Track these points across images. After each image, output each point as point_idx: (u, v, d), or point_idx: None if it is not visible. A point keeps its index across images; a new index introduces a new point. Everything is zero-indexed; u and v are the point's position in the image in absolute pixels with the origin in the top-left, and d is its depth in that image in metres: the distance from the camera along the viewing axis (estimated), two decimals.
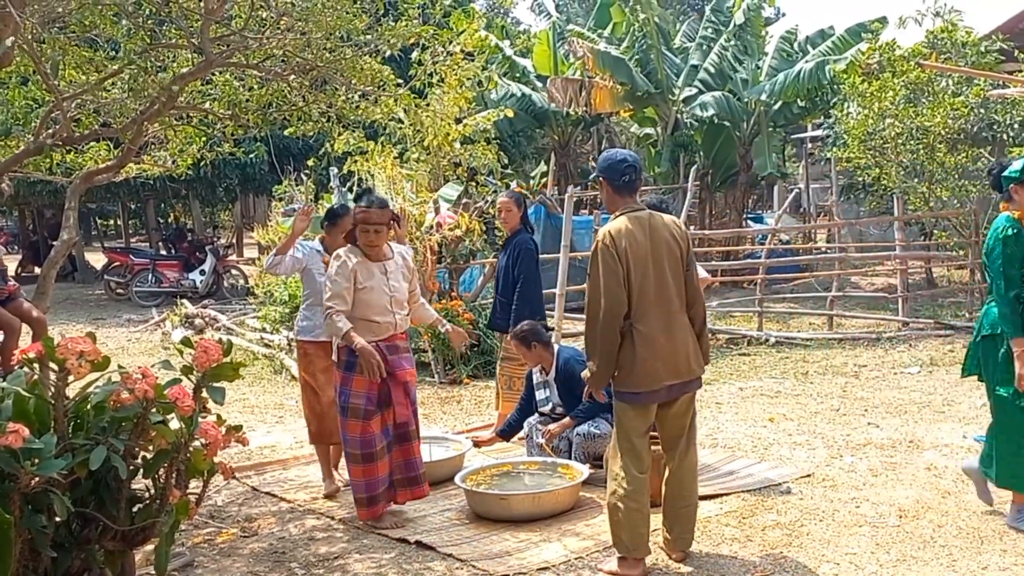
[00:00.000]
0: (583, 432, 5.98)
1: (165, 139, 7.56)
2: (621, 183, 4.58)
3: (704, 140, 18.46)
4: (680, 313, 4.54)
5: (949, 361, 9.62)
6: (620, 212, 4.58)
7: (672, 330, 4.48)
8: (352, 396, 5.14)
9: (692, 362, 4.55)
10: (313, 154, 14.50)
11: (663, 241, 4.49)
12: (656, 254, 4.47)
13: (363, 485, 5.20)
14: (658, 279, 4.46)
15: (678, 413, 4.65)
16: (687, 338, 4.54)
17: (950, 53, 12.79)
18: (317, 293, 5.84)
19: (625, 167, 4.58)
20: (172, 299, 16.61)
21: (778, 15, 35.04)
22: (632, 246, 4.42)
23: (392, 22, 6.23)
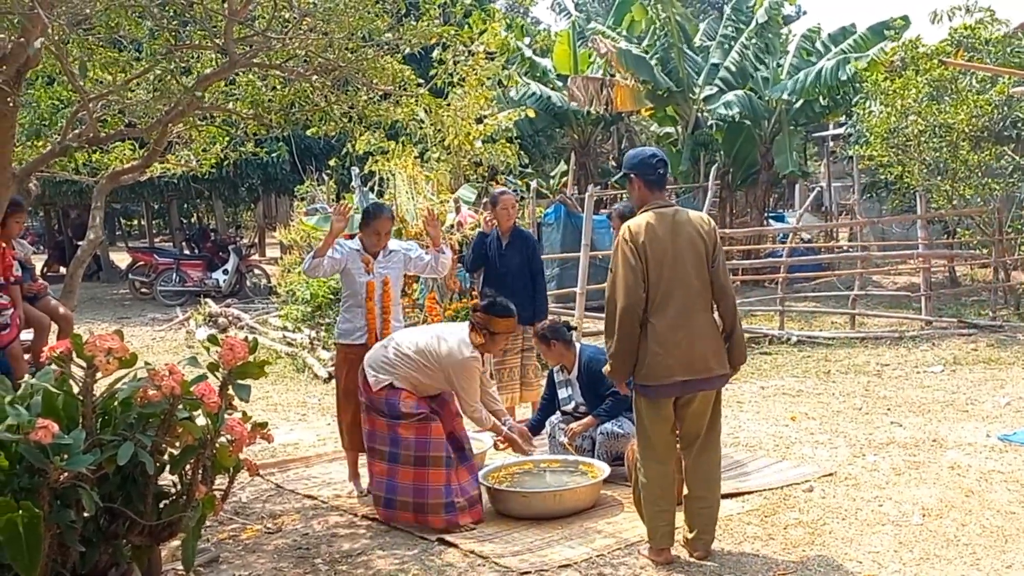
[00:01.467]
0: (606, 431, 5.99)
1: (189, 139, 7.62)
2: (654, 178, 4.63)
3: (725, 139, 18.40)
4: (701, 311, 4.52)
5: (972, 360, 9.55)
6: (647, 208, 4.60)
7: (689, 327, 4.48)
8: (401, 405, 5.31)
9: (711, 360, 4.52)
10: (335, 154, 14.59)
11: (686, 238, 4.50)
12: (677, 251, 4.48)
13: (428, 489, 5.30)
14: (677, 276, 4.48)
15: (696, 412, 4.62)
16: (707, 335, 4.52)
17: (976, 51, 12.69)
18: (357, 294, 5.83)
19: (656, 162, 4.65)
20: (196, 298, 16.73)
21: (799, 13, 34.79)
22: (652, 242, 4.44)
23: (413, 22, 6.25)
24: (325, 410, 8.64)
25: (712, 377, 4.56)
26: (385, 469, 5.30)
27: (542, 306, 7.36)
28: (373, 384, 5.31)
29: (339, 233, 5.90)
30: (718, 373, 4.57)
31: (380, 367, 5.32)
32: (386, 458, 5.29)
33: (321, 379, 10.00)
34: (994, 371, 9.17)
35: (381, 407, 5.30)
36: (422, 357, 5.27)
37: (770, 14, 18.27)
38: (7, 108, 4.61)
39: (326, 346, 11.07)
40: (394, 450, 5.26)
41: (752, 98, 17.37)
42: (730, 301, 4.60)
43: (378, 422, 5.33)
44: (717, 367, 4.56)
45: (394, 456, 5.26)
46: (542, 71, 20.17)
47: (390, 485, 5.28)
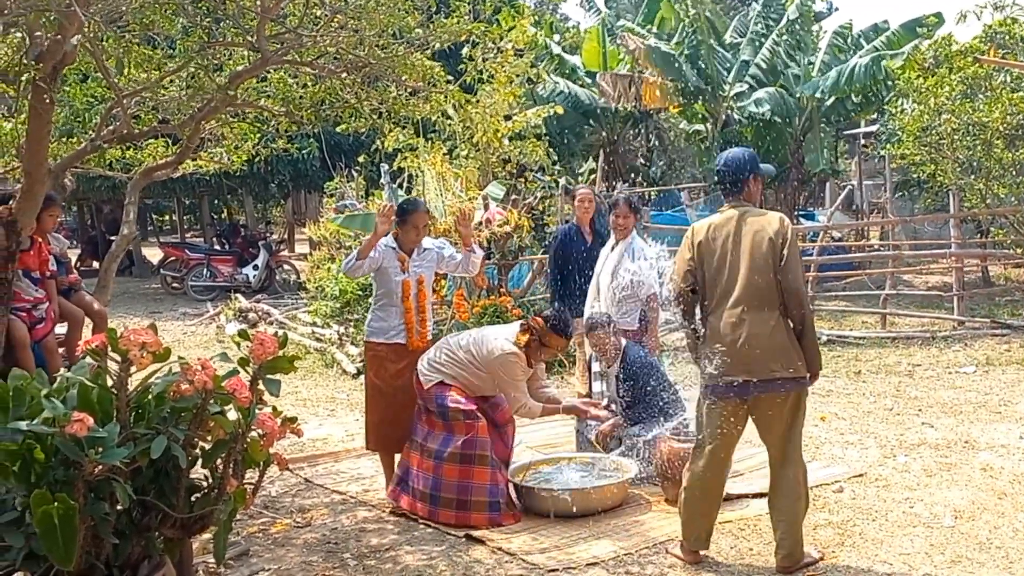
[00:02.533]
0: (633, 435, 5.96)
1: (221, 136, 7.68)
2: (723, 185, 4.69)
3: (755, 137, 18.30)
4: (760, 310, 4.42)
5: (1006, 361, 9.44)
6: (720, 209, 4.66)
7: (745, 326, 4.40)
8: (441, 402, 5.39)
9: (771, 362, 4.39)
10: (364, 151, 14.64)
11: (751, 239, 4.46)
12: (737, 251, 4.46)
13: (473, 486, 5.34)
14: (734, 275, 4.46)
15: (767, 418, 4.51)
16: (766, 335, 4.39)
17: (1010, 47, 12.51)
18: (392, 293, 5.75)
19: (718, 170, 4.74)
20: (226, 293, 16.86)
21: (831, 10, 34.51)
22: (709, 241, 4.52)
23: (443, 19, 6.26)
24: (354, 405, 8.69)
25: (774, 380, 4.40)
26: (432, 466, 5.32)
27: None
28: (424, 383, 5.39)
29: (384, 235, 5.78)
30: (781, 376, 4.40)
31: (432, 367, 5.43)
32: (433, 455, 5.33)
33: (350, 375, 10.05)
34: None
35: (432, 406, 5.36)
36: (468, 355, 5.38)
37: (801, 10, 18.14)
38: (44, 105, 4.67)
39: (355, 342, 11.11)
40: (442, 448, 5.30)
41: (783, 95, 17.26)
42: (795, 301, 4.45)
43: (436, 424, 5.39)
44: (779, 369, 4.40)
45: (440, 454, 5.30)
46: (571, 68, 20.12)
47: (435, 482, 5.29)
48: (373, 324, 5.89)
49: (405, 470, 5.52)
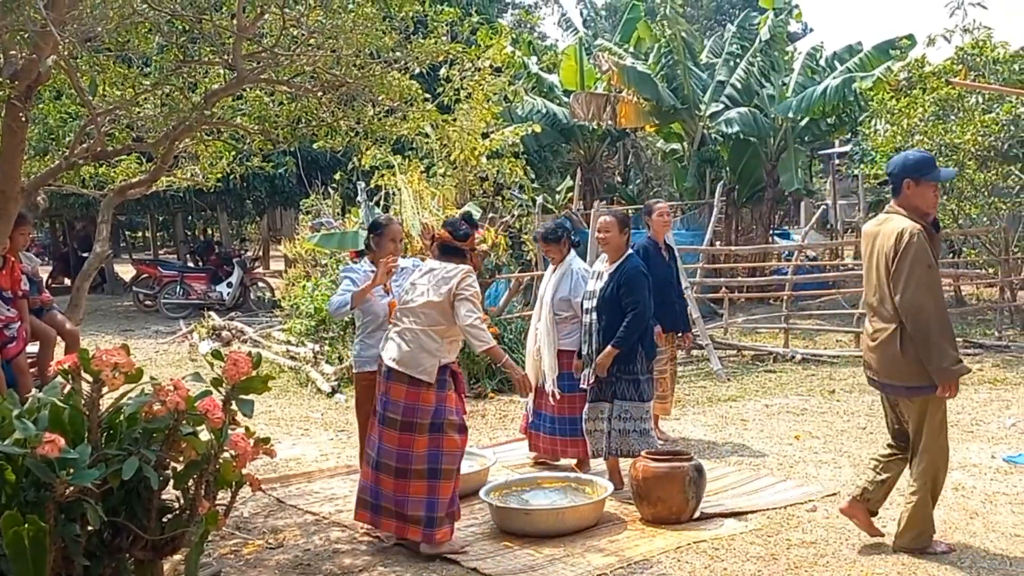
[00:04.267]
0: (618, 428, 5.98)
1: (196, 154, 7.66)
2: (890, 188, 4.97)
3: (731, 156, 18.43)
4: (876, 318, 4.83)
5: (978, 380, 9.53)
6: (886, 210, 4.94)
7: (868, 328, 4.92)
8: (448, 412, 5.08)
9: (875, 365, 4.83)
10: (341, 168, 14.63)
11: (878, 247, 4.78)
12: (870, 257, 4.86)
13: (449, 501, 5.12)
14: (868, 279, 4.90)
15: (894, 413, 4.97)
16: (875, 340, 4.80)
17: (981, 70, 12.70)
18: (379, 317, 5.58)
19: (887, 173, 5.02)
20: (199, 311, 16.75)
21: (805, 31, 34.98)
22: (864, 244, 4.97)
23: (421, 39, 6.29)
24: (328, 425, 8.65)
25: (881, 383, 4.86)
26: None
27: (687, 315, 7.80)
28: (427, 376, 5.03)
29: (380, 283, 5.57)
30: (883, 381, 4.83)
31: (413, 357, 5.04)
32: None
33: (324, 393, 10.00)
34: (1000, 392, 9.15)
35: (425, 418, 5.03)
36: (428, 306, 5.08)
37: (774, 32, 18.33)
38: (18, 123, 4.64)
39: (330, 360, 11.07)
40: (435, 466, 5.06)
41: (758, 115, 17.41)
42: (908, 313, 4.59)
43: (419, 440, 5.03)
44: (883, 376, 4.81)
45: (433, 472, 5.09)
46: (549, 87, 20.22)
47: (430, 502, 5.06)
48: (364, 354, 5.66)
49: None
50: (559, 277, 6.68)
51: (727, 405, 8.87)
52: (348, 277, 5.75)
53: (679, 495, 5.42)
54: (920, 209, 4.78)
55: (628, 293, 5.95)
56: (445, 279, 5.09)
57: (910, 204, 4.77)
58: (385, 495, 5.11)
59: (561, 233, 6.78)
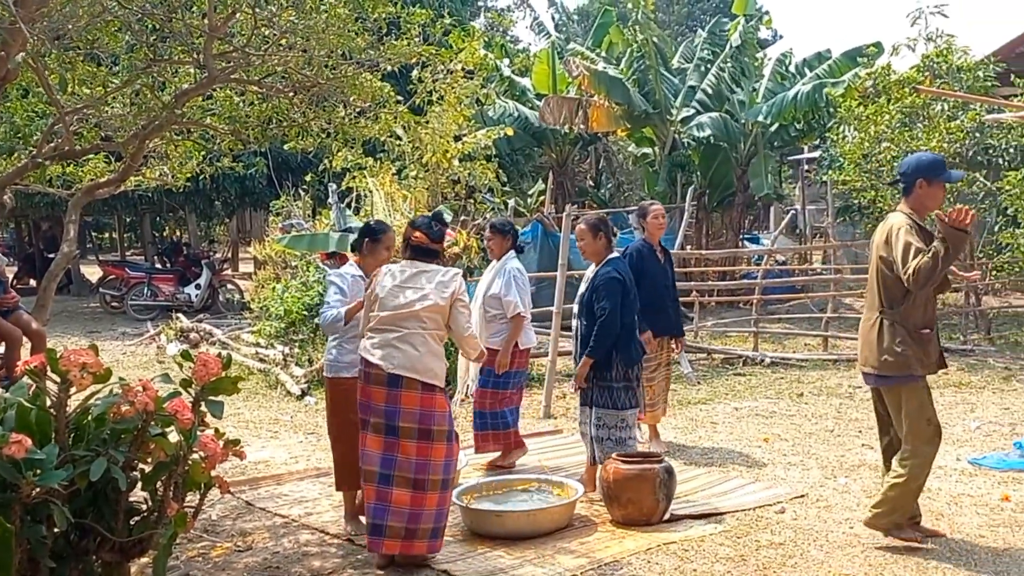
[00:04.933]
0: (594, 435, 5.97)
1: (165, 153, 7.59)
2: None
3: (701, 161, 18.55)
4: (872, 310, 5.06)
5: (943, 383, 9.65)
6: (896, 208, 5.13)
7: (864, 320, 5.13)
8: (452, 419, 4.93)
9: (867, 354, 5.02)
10: (312, 169, 14.56)
11: (877, 241, 5.02)
12: (873, 251, 5.06)
13: (447, 512, 4.98)
14: (870, 272, 5.12)
15: (881, 404, 5.17)
16: (867, 332, 5.03)
17: (946, 77, 12.88)
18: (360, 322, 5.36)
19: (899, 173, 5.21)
20: (167, 313, 16.60)
21: (775, 37, 35.29)
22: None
23: (394, 40, 6.27)
24: (297, 427, 8.60)
25: (863, 372, 5.12)
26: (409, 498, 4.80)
27: (680, 318, 7.65)
28: (439, 381, 4.86)
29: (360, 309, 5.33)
30: (863, 369, 5.11)
31: (425, 362, 4.82)
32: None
33: (294, 396, 9.94)
34: (965, 395, 9.27)
35: (442, 424, 4.83)
36: (433, 310, 4.87)
37: (745, 38, 18.47)
38: None
39: (299, 363, 11.01)
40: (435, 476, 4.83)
41: (728, 121, 17.53)
42: (919, 271, 4.70)
43: (437, 449, 4.81)
44: (863, 363, 5.10)
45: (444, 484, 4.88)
46: (521, 91, 20.27)
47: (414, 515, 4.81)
48: (341, 359, 5.44)
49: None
50: (494, 274, 6.70)
51: (697, 408, 8.92)
52: (336, 285, 5.48)
53: (650, 497, 5.44)
54: (928, 208, 5.03)
55: (599, 299, 5.91)
56: (444, 283, 4.89)
57: (920, 203, 5.00)
58: (395, 512, 4.75)
59: (510, 229, 6.87)
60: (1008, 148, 12.19)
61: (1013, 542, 5.11)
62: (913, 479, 4.94)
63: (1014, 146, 12.09)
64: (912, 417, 4.94)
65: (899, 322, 4.91)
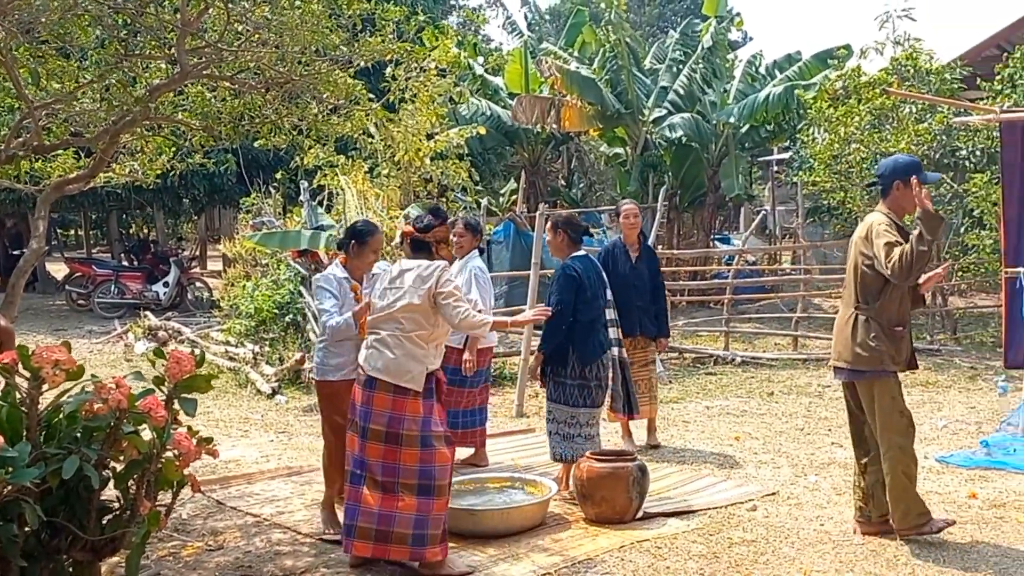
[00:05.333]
0: (551, 431, 6.03)
1: (135, 149, 7.51)
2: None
3: (673, 161, 18.62)
4: (847, 306, 5.16)
5: (910, 383, 9.75)
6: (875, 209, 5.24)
7: (839, 316, 5.24)
8: (434, 424, 4.80)
9: (841, 348, 5.13)
10: (283, 167, 14.47)
11: (856, 240, 5.15)
12: (852, 248, 5.17)
13: (444, 517, 4.83)
14: (847, 269, 5.24)
15: (855, 401, 5.25)
16: (841, 327, 5.15)
17: (913, 80, 13.03)
18: (350, 328, 5.27)
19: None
20: (135, 311, 16.44)
21: (745, 39, 35.53)
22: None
23: (368, 37, 6.25)
24: (268, 426, 8.55)
25: (835, 366, 5.24)
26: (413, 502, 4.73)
27: (666, 321, 7.50)
28: (414, 385, 4.78)
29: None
30: (835, 363, 5.23)
31: (400, 365, 4.76)
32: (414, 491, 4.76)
33: (264, 395, 9.88)
34: (932, 394, 9.39)
35: (412, 429, 4.75)
36: (409, 309, 4.81)
37: (716, 39, 18.57)
38: None
39: (270, 361, 10.94)
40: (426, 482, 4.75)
41: (700, 121, 17.61)
42: (902, 261, 4.80)
43: (407, 453, 4.73)
44: (836, 358, 5.20)
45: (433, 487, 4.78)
46: (494, 89, 20.26)
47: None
48: (328, 361, 5.34)
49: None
50: (456, 272, 6.57)
51: (669, 407, 8.96)
52: (326, 290, 5.31)
53: (623, 495, 5.46)
54: (906, 209, 5.17)
55: (551, 294, 5.96)
56: (422, 278, 4.81)
57: (897, 204, 5.13)
58: (365, 512, 4.73)
59: (480, 228, 6.91)
60: (974, 151, 12.34)
61: (980, 538, 5.18)
62: (900, 470, 5.00)
63: (980, 149, 12.24)
64: (884, 411, 5.03)
65: (873, 318, 5.02)
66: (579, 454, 5.85)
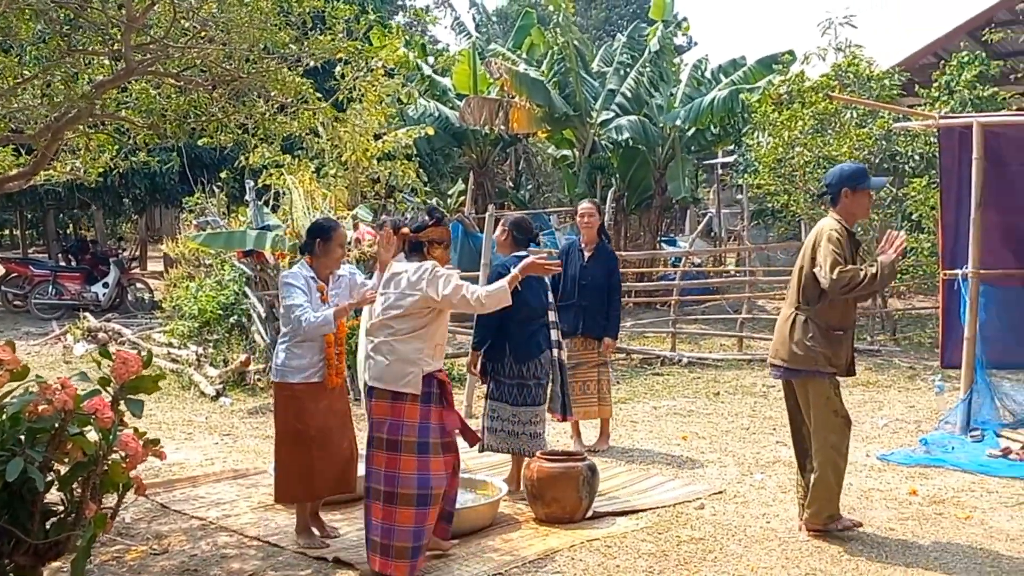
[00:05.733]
0: (495, 428, 6.07)
1: (77, 146, 7.35)
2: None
3: (620, 163, 18.74)
4: (789, 305, 5.24)
5: (852, 383, 9.93)
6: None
7: (780, 315, 5.32)
8: (432, 431, 4.73)
9: (779, 346, 5.21)
10: (227, 166, 14.28)
11: (807, 243, 5.22)
12: (803, 251, 5.23)
13: (422, 531, 4.70)
14: (794, 270, 5.30)
15: (792, 400, 5.32)
16: (781, 326, 5.23)
17: (853, 86, 13.28)
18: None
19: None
20: (74, 312, 16.10)
21: (690, 44, 35.89)
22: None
23: (319, 35, 6.19)
24: (212, 429, 8.43)
25: (772, 364, 5.30)
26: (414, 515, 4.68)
27: (615, 323, 7.41)
28: (411, 388, 4.71)
29: (359, 306, 5.25)
30: (772, 361, 5.30)
31: (393, 370, 4.72)
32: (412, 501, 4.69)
33: (208, 397, 9.74)
34: (872, 393, 9.57)
35: (410, 435, 4.71)
36: (399, 314, 4.76)
37: (663, 43, 18.75)
38: None
39: (214, 363, 10.79)
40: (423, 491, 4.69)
41: (647, 124, 17.76)
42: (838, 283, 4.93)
43: (406, 460, 4.68)
44: (774, 356, 5.27)
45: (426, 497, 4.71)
46: (442, 90, 20.21)
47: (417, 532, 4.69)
48: (289, 363, 5.16)
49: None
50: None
51: (617, 407, 8.99)
52: (293, 287, 5.12)
53: (573, 495, 5.48)
54: (856, 215, 5.32)
55: None
56: (411, 281, 4.75)
57: (847, 211, 5.23)
58: (372, 525, 4.69)
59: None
60: (913, 155, 12.62)
61: (921, 534, 5.30)
62: (829, 470, 5.11)
63: (919, 153, 12.52)
64: (819, 410, 5.13)
65: (813, 319, 5.11)
66: (527, 450, 5.91)
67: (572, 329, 7.20)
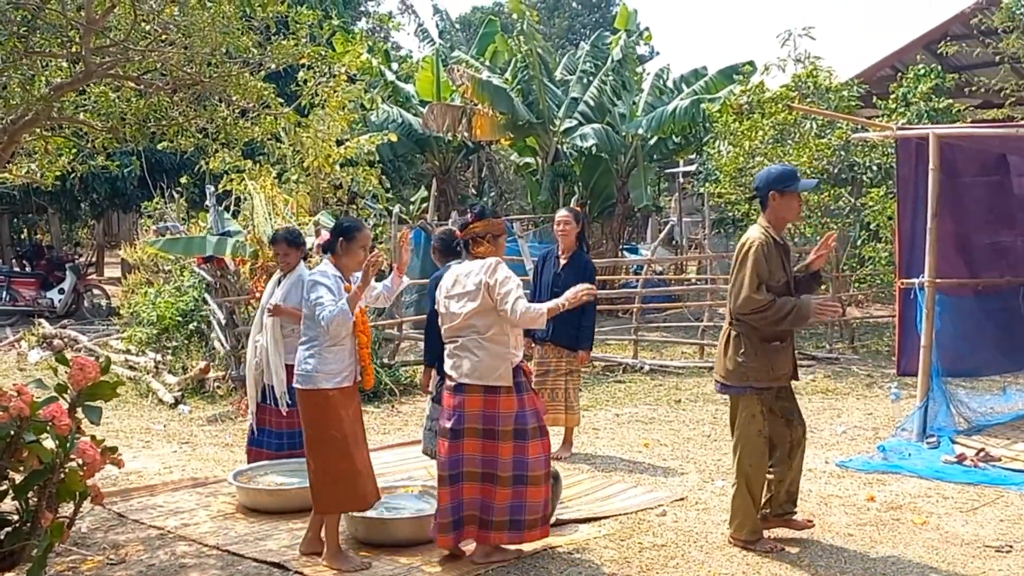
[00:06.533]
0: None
1: (34, 150, 7.23)
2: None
3: (583, 171, 18.82)
4: (726, 321, 5.22)
5: (811, 390, 10.05)
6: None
7: (722, 331, 5.23)
8: (529, 417, 4.92)
9: (717, 362, 5.31)
10: (187, 171, 14.13)
11: (734, 256, 5.13)
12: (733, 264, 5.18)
13: (544, 504, 4.99)
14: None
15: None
16: (721, 342, 5.22)
17: (813, 97, 13.46)
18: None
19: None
20: (28, 318, 15.84)
21: (652, 53, 36.20)
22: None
23: (283, 39, 6.16)
24: (171, 437, 8.33)
25: (715, 379, 5.36)
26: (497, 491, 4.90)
27: (587, 334, 7.31)
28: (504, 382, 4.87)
29: (367, 287, 5.07)
30: (715, 377, 5.35)
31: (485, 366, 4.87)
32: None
33: (167, 405, 9.61)
34: (831, 401, 9.68)
35: (507, 424, 4.87)
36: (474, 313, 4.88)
37: (626, 52, 18.87)
38: None
39: (172, 370, 10.66)
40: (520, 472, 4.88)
41: (610, 132, 17.83)
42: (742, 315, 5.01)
43: (504, 447, 4.86)
44: (715, 372, 5.33)
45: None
46: (405, 97, 20.17)
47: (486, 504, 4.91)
48: (323, 368, 4.99)
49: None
50: (289, 286, 6.30)
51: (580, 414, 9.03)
52: (323, 285, 5.00)
53: None
54: (785, 219, 5.28)
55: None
56: (474, 281, 4.90)
57: (776, 215, 5.19)
58: (467, 502, 4.91)
59: (302, 241, 6.53)
60: (871, 166, 12.81)
61: (879, 539, 5.36)
62: (745, 486, 5.15)
63: (877, 164, 12.71)
64: (743, 427, 5.17)
65: (745, 334, 5.08)
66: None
67: (543, 336, 7.19)
